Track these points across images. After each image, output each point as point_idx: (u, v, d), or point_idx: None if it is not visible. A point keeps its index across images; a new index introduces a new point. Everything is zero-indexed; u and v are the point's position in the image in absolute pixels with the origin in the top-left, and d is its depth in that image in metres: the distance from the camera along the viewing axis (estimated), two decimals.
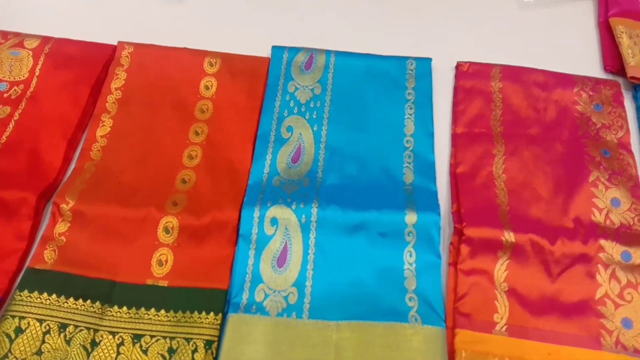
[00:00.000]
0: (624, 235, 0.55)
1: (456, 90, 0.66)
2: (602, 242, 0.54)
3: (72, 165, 0.60)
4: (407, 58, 0.67)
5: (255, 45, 0.69)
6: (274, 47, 0.67)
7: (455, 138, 0.63)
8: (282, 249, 0.53)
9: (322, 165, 0.59)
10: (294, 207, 0.54)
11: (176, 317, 0.50)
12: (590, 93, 0.66)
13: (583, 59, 0.72)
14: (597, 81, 0.67)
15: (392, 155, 0.60)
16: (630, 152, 0.62)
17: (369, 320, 0.50)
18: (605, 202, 0.58)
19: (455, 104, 0.65)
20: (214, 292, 0.51)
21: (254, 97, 0.64)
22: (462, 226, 0.55)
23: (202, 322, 0.50)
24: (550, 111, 0.65)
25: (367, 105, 0.64)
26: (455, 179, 0.59)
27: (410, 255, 0.53)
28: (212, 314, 0.50)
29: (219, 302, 0.51)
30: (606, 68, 0.70)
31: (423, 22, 0.74)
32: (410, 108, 0.64)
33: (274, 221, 0.54)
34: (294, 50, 0.67)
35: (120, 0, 0.74)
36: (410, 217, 0.54)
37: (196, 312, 0.50)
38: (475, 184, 0.59)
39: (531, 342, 0.50)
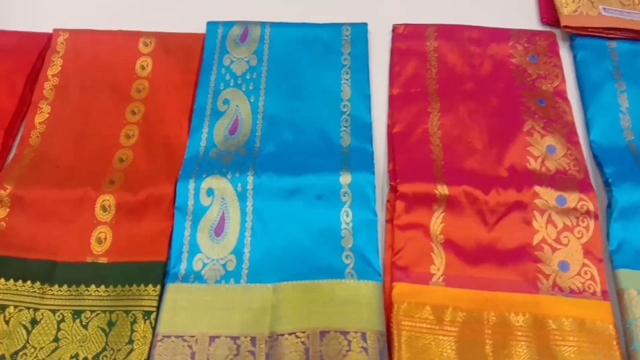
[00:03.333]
0: (560, 181, 0.56)
1: (392, 52, 0.66)
2: (537, 188, 0.55)
3: (12, 154, 0.60)
4: (342, 24, 0.67)
5: (192, 23, 0.69)
6: (209, 23, 0.67)
7: (392, 99, 0.63)
8: (219, 218, 0.54)
9: (260, 135, 0.60)
10: (229, 176, 0.55)
11: (115, 291, 0.51)
12: (526, 45, 0.66)
13: (521, 12, 0.72)
14: (532, 33, 0.67)
15: (329, 120, 0.61)
16: (566, 99, 0.62)
17: (306, 280, 0.50)
18: (541, 149, 0.58)
19: (391, 65, 0.65)
20: (153, 264, 0.52)
21: (189, 72, 0.64)
22: (396, 183, 0.55)
23: (140, 294, 0.50)
24: (485, 66, 0.65)
25: (304, 73, 0.64)
26: (391, 139, 0.60)
27: (347, 215, 0.54)
28: (150, 285, 0.50)
29: (157, 273, 0.51)
30: (542, 20, 0.70)
31: None
32: (347, 73, 0.64)
33: (210, 192, 0.54)
34: (229, 24, 0.67)
35: None
36: (345, 178, 0.54)
37: (134, 285, 0.51)
38: (410, 142, 0.59)
39: (468, 290, 0.51)
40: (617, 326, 0.49)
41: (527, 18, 0.71)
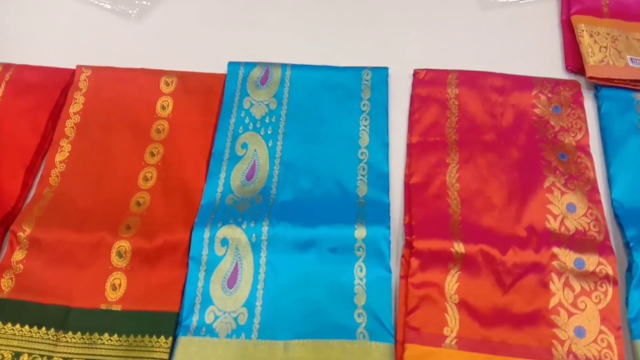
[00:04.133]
0: (578, 242, 0.54)
1: (412, 98, 0.66)
2: (555, 250, 0.54)
3: (32, 192, 0.61)
4: (363, 68, 0.67)
5: (214, 62, 0.69)
6: (230, 63, 0.68)
7: (410, 148, 0.62)
8: (232, 269, 0.54)
9: (277, 181, 0.60)
10: (244, 226, 0.55)
11: (128, 341, 0.51)
12: (549, 95, 0.65)
13: (546, 59, 0.71)
14: (556, 82, 0.66)
15: (346, 168, 0.60)
16: (588, 154, 0.61)
17: (317, 339, 0.50)
18: (561, 208, 0.57)
19: (411, 112, 0.65)
20: (165, 315, 0.52)
21: (209, 114, 0.64)
22: (412, 239, 0.55)
23: (152, 346, 0.50)
24: (507, 116, 0.64)
25: (323, 117, 0.64)
26: (408, 190, 0.59)
27: (361, 270, 0.53)
28: (162, 337, 0.51)
29: (169, 325, 0.51)
30: (567, 67, 0.69)
31: (382, 30, 0.73)
32: (365, 119, 0.64)
33: (225, 241, 0.54)
34: (250, 65, 0.67)
35: (78, 23, 0.75)
36: (360, 232, 0.54)
37: (147, 336, 0.51)
38: (427, 194, 0.58)
39: (481, 354, 0.50)
40: None
41: (552, 63, 0.70)
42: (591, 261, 0.53)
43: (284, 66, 0.67)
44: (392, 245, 0.57)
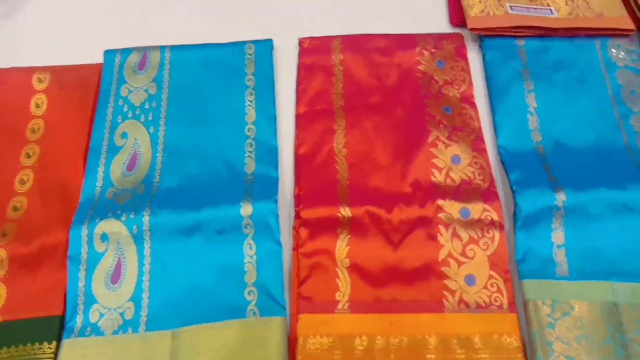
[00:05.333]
0: (464, 192, 0.55)
1: (299, 68, 0.64)
2: (440, 202, 0.54)
3: None
4: (245, 42, 0.65)
5: (92, 53, 0.66)
6: (106, 52, 0.64)
7: (298, 119, 0.61)
8: (115, 264, 0.52)
9: (160, 168, 0.58)
10: (123, 218, 0.53)
11: (9, 352, 0.48)
12: (433, 50, 0.65)
13: (432, 16, 0.70)
14: (439, 37, 0.66)
15: (233, 146, 0.59)
16: (473, 104, 0.61)
17: (207, 322, 0.49)
18: (446, 160, 0.57)
19: (297, 83, 0.63)
20: (47, 319, 0.49)
21: (85, 107, 0.61)
22: (299, 209, 0.54)
23: (35, 354, 0.48)
24: (392, 76, 0.63)
25: (206, 97, 0.62)
26: (297, 161, 0.58)
27: (250, 248, 0.52)
28: (45, 343, 0.48)
29: (52, 329, 0.49)
30: (452, 22, 0.68)
31: (266, 2, 0.72)
32: (251, 94, 0.62)
33: (104, 237, 0.52)
34: (127, 51, 0.64)
35: None
36: (246, 209, 0.53)
37: (29, 344, 0.49)
38: (316, 163, 0.57)
39: (373, 315, 0.50)
40: (525, 338, 0.49)
41: (437, 20, 0.70)
42: (476, 209, 0.54)
43: (162, 48, 0.65)
44: (285, 218, 0.56)
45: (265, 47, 0.65)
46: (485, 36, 0.66)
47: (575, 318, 0.48)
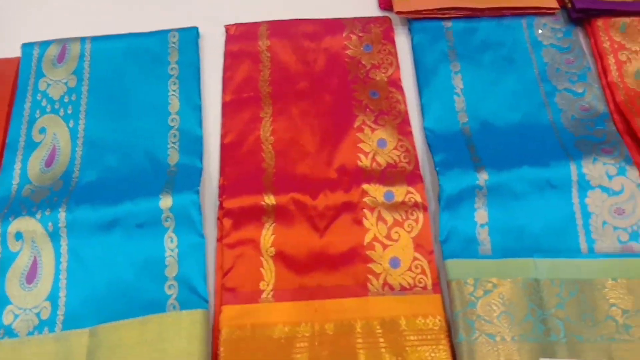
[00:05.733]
0: (389, 175, 0.55)
1: (225, 56, 0.63)
2: (365, 186, 0.54)
3: None
4: (169, 31, 0.63)
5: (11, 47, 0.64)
6: (24, 45, 0.62)
7: (224, 107, 0.60)
8: (30, 263, 0.50)
9: (79, 163, 0.56)
10: (39, 216, 0.51)
11: None
12: (360, 34, 0.64)
13: (361, 0, 0.70)
14: (367, 21, 0.65)
15: (156, 137, 0.57)
16: (400, 88, 0.61)
17: (127, 319, 0.48)
18: (372, 145, 0.57)
19: (224, 71, 0.62)
20: None
21: (1, 103, 0.58)
22: (222, 199, 0.53)
23: None
24: (320, 61, 0.62)
25: (129, 88, 0.60)
26: (222, 150, 0.57)
27: (172, 241, 0.51)
28: None
29: None
30: (380, 6, 0.68)
31: None
32: (174, 84, 0.60)
33: (19, 235, 0.50)
34: (46, 44, 0.62)
35: None
36: (165, 202, 0.51)
37: None
38: (241, 152, 0.56)
39: (298, 302, 0.49)
40: (450, 318, 0.49)
41: (367, 4, 0.69)
42: (400, 192, 0.54)
43: (82, 40, 0.62)
44: (212, 209, 0.55)
45: (189, 35, 0.63)
46: (414, 19, 0.66)
47: (497, 296, 0.48)
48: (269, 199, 0.52)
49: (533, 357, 0.46)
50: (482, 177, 0.53)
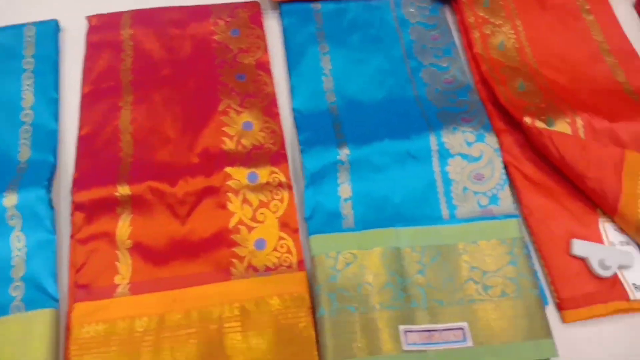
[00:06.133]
0: (254, 157, 0.53)
1: (86, 47, 0.61)
2: (228, 169, 0.52)
3: None
4: (24, 25, 0.60)
5: None
6: None
7: (82, 99, 0.57)
8: None
9: None
10: None
11: None
12: (228, 19, 0.63)
13: None
14: (234, 6, 0.64)
15: (7, 133, 0.54)
16: (267, 70, 0.60)
17: None
18: (237, 128, 0.55)
19: (84, 62, 0.59)
20: None
21: None
22: (73, 192, 0.51)
23: None
24: (186, 48, 0.61)
25: None
26: (79, 143, 0.54)
27: (19, 240, 0.48)
28: None
29: None
30: None
31: None
32: (29, 78, 0.57)
33: None
34: None
35: None
36: (9, 200, 0.48)
37: None
38: (98, 143, 0.54)
39: (156, 294, 0.47)
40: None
41: None
42: (264, 172, 0.53)
43: None
44: (67, 204, 0.52)
45: (47, 28, 0.60)
46: (284, 2, 0.65)
47: (357, 267, 0.48)
48: (123, 189, 0.50)
49: (392, 325, 0.46)
50: (344, 153, 0.53)
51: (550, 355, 0.46)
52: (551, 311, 0.49)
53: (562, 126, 0.54)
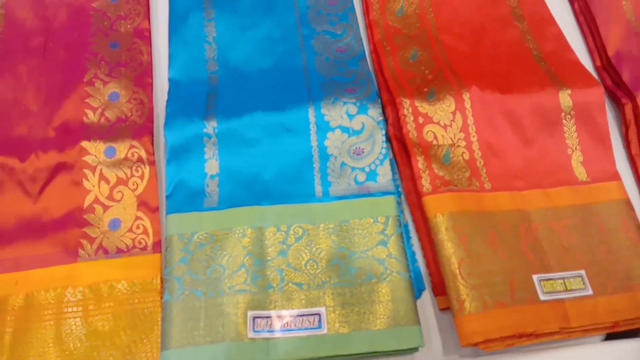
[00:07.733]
0: (116, 130, 0.50)
1: None
2: (85, 143, 0.49)
3: None
4: None
5: None
6: None
7: None
8: None
9: None
10: None
11: None
12: None
13: None
14: None
15: None
16: (146, 38, 0.56)
17: None
18: (102, 99, 0.52)
19: None
20: None
21: None
22: None
23: None
24: (61, 16, 0.57)
25: None
26: None
27: None
28: None
29: None
30: None
31: None
32: None
33: None
34: None
35: None
36: None
37: None
38: None
39: None
40: None
41: None
42: (122, 147, 0.49)
43: None
44: None
45: None
46: None
47: (210, 249, 0.45)
48: None
49: (242, 309, 0.42)
50: (211, 125, 0.49)
51: (415, 344, 0.42)
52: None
53: (445, 99, 0.49)
